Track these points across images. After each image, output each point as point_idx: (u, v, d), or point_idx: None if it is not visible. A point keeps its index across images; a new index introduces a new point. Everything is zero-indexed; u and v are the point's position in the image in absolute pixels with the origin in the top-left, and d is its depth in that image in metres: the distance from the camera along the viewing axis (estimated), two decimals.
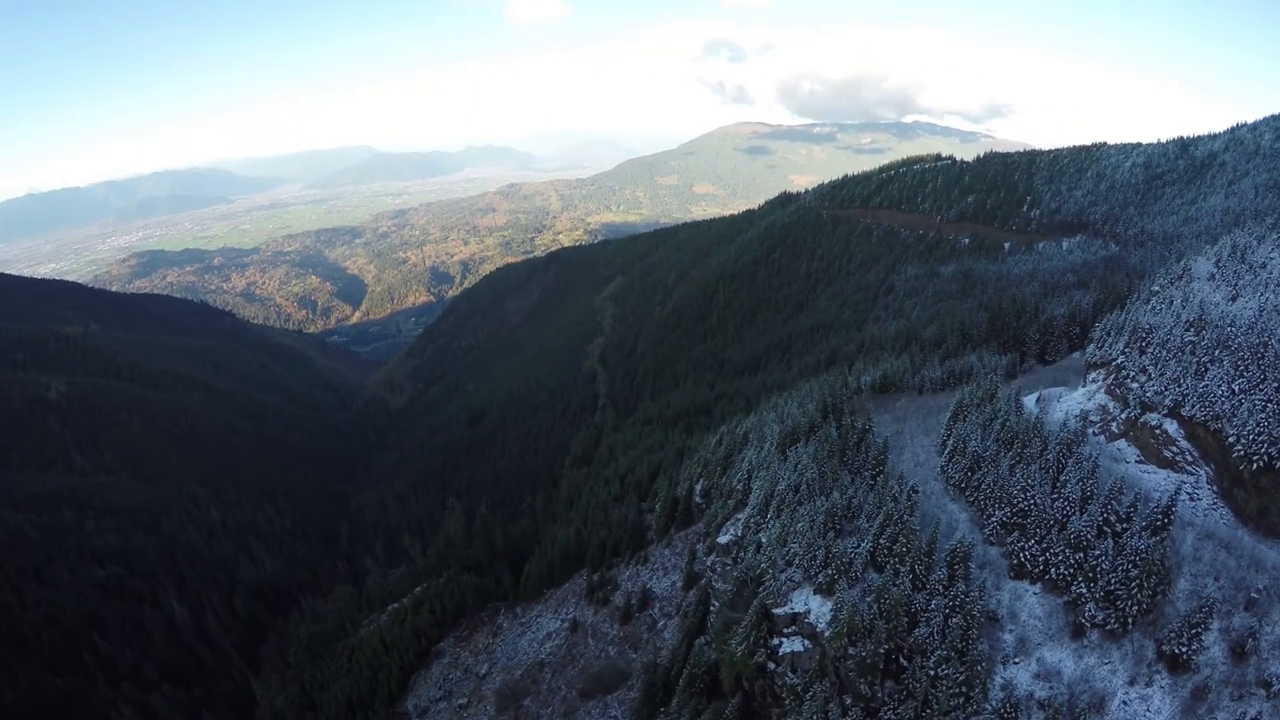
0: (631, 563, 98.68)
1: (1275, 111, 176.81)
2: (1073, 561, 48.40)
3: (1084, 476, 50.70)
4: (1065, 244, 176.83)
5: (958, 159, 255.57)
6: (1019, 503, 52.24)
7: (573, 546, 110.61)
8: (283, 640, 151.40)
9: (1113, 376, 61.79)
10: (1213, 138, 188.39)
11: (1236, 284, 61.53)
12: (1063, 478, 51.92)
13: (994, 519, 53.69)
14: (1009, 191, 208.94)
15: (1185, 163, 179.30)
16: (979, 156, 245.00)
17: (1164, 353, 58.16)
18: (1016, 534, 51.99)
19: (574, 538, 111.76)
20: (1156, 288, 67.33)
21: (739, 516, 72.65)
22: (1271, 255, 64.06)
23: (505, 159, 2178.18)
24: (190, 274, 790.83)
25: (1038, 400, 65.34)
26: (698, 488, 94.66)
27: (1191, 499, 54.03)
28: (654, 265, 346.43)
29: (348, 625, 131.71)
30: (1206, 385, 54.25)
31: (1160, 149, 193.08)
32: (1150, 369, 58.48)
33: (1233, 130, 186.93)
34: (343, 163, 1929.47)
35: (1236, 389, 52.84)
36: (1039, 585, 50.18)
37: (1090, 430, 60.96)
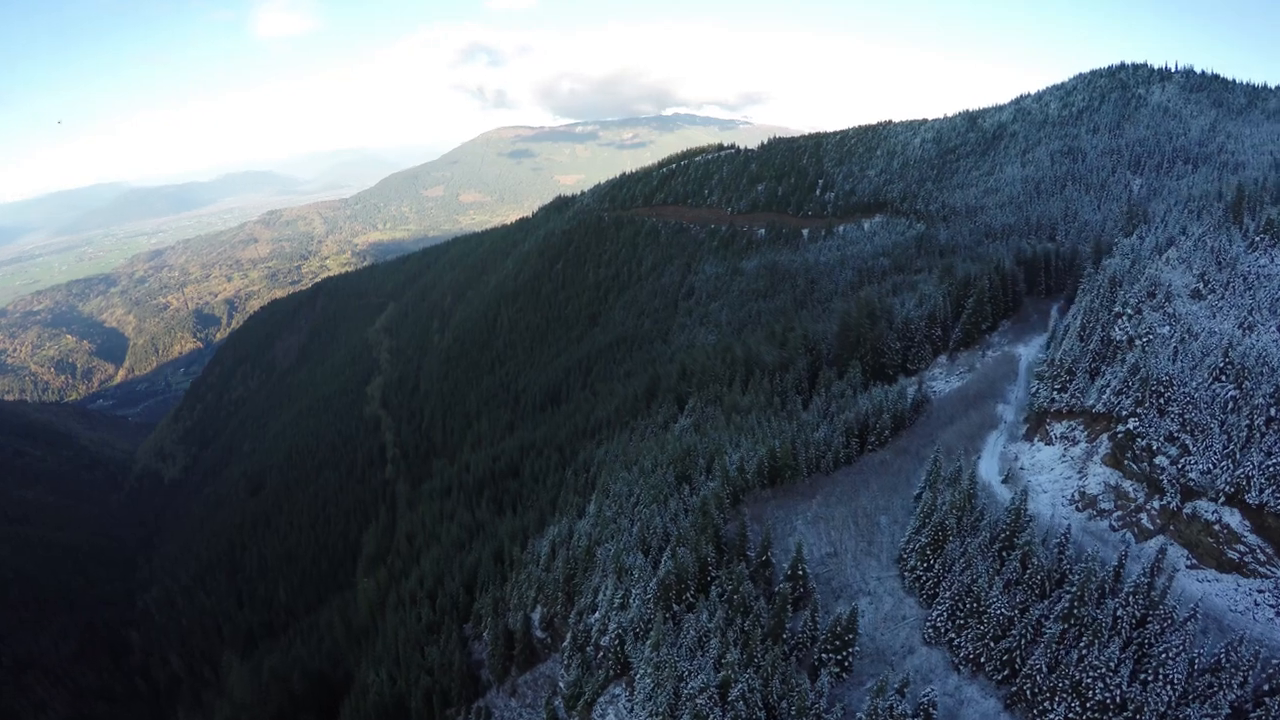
0: (470, 718, 72.79)
1: (1053, 81, 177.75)
2: None
3: (1187, 644, 31.22)
4: (867, 225, 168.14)
5: (742, 147, 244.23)
6: (1095, 693, 31.89)
7: (390, 699, 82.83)
8: None
9: (1121, 445, 42.94)
10: (999, 109, 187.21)
11: (1247, 307, 44.88)
12: (1150, 642, 32.27)
13: (1054, 717, 33.03)
14: (799, 177, 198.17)
15: (976, 135, 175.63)
16: (764, 143, 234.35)
17: (1197, 413, 40.30)
18: None
19: (389, 686, 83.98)
20: (1124, 309, 49.58)
21: (616, 693, 49.02)
22: (1261, 262, 47.94)
23: (264, 184, 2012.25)
24: None
25: (1004, 477, 45.58)
26: (535, 618, 69.91)
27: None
28: (427, 288, 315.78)
29: None
30: (1276, 463, 36.55)
31: (948, 123, 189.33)
32: (1185, 438, 40.33)
33: (1017, 101, 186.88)
34: (92, 203, 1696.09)
35: None
36: None
37: (1105, 524, 41.89)
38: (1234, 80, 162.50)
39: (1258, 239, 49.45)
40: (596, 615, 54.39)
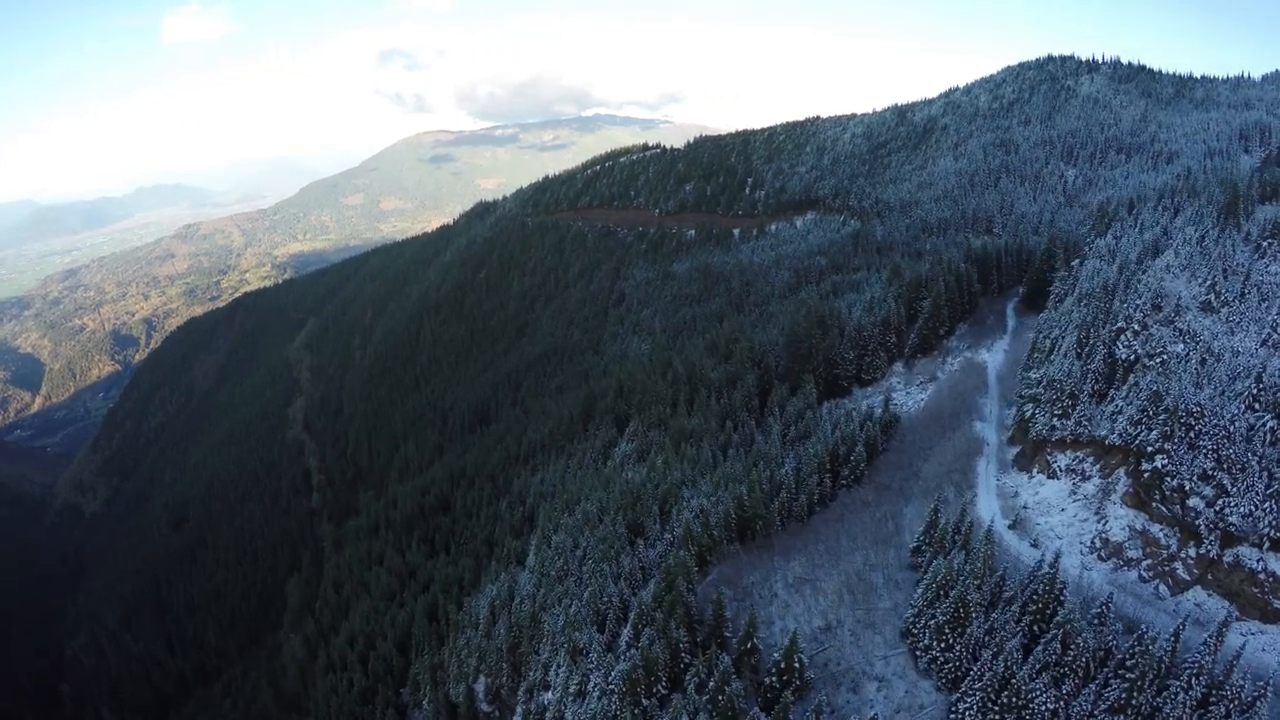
0: None
1: (978, 69, 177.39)
2: None
3: None
4: (799, 223, 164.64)
5: (667, 146, 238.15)
6: None
7: None
8: None
9: (1147, 484, 37.43)
10: (928, 103, 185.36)
11: (1269, 323, 40.10)
12: None
13: None
14: (728, 175, 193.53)
15: (907, 129, 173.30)
16: (690, 142, 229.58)
17: (1233, 448, 34.73)
18: None
19: None
20: (1127, 324, 44.24)
21: None
22: (1273, 269, 43.38)
23: (180, 197, 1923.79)
24: None
25: (1011, 522, 39.90)
26: (479, 689, 62.10)
27: None
28: (348, 302, 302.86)
29: None
30: None
31: (878, 118, 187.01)
32: (1222, 477, 34.67)
33: (947, 94, 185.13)
34: (1, 222, 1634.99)
35: None
36: None
37: (1134, 574, 36.43)
38: (1161, 71, 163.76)
39: (1264, 244, 44.76)
40: (550, 696, 47.25)
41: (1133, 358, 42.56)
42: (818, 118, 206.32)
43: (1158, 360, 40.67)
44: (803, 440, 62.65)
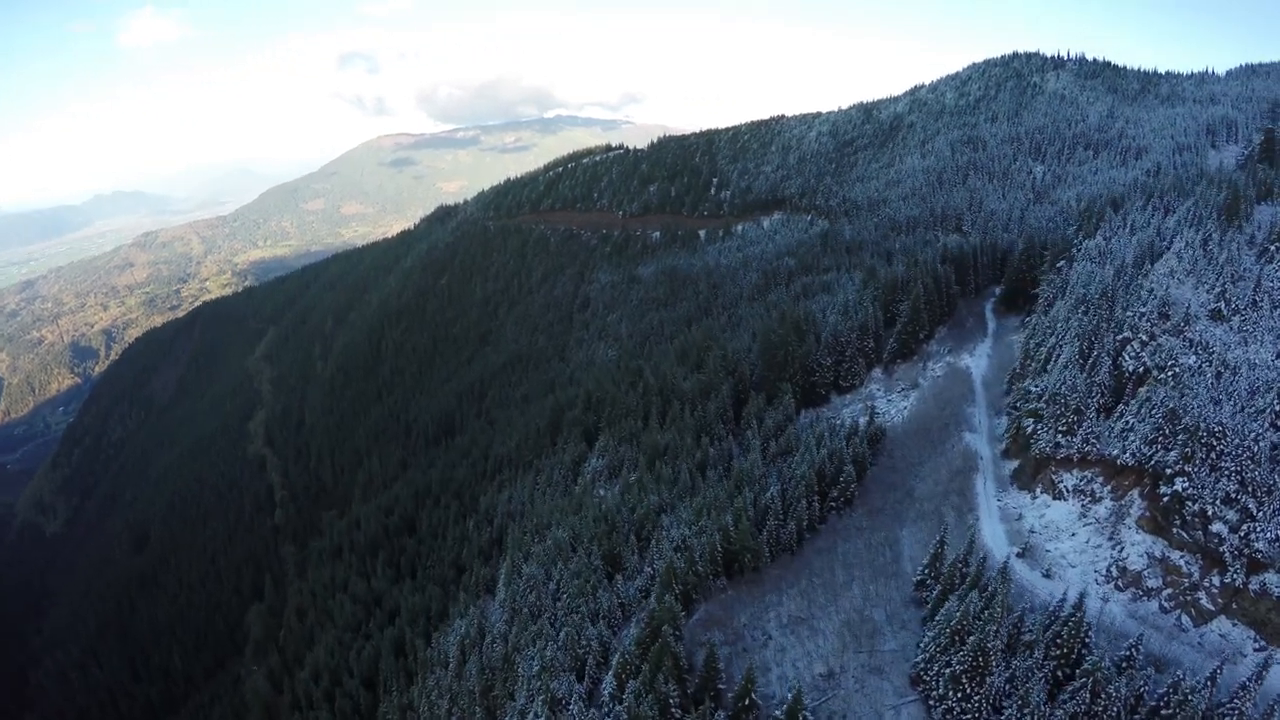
0: None
1: (944, 65, 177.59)
2: None
3: None
4: (766, 223, 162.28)
5: (630, 147, 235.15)
6: None
7: None
8: None
9: (1166, 509, 34.81)
10: (894, 100, 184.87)
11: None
12: None
13: None
14: (693, 175, 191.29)
15: (873, 127, 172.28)
16: (654, 142, 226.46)
17: (1257, 469, 32.36)
18: None
19: None
20: (1132, 334, 41.83)
21: None
22: None
23: (138, 205, 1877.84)
24: None
25: (1020, 550, 37.18)
26: None
27: None
28: (307, 310, 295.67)
29: None
30: None
31: (843, 116, 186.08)
32: (1245, 499, 32.26)
33: (912, 92, 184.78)
34: None
35: None
36: None
37: (1154, 604, 33.85)
38: (1125, 67, 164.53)
39: (1271, 248, 42.48)
40: None
41: (1141, 370, 40.14)
42: (783, 116, 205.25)
43: (1169, 373, 38.25)
44: (785, 456, 59.66)
